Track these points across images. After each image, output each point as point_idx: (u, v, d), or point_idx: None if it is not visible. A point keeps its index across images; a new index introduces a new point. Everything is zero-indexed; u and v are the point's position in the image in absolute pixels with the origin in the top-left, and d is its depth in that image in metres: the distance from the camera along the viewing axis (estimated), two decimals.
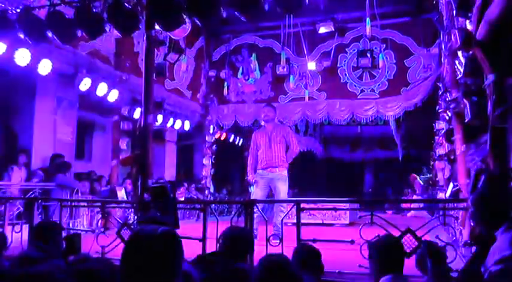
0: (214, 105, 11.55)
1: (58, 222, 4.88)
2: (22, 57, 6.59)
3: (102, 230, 5.31)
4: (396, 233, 3.77)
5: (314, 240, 4.04)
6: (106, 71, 8.46)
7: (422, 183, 13.36)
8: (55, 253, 3.37)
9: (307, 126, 14.59)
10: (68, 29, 5.21)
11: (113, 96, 8.46)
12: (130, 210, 7.59)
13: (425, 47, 9.83)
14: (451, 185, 7.17)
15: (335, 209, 7.47)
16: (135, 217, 5.05)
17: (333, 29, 10.15)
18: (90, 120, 10.85)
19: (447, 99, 7.19)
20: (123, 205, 7.71)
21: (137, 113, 9.18)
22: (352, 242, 4.17)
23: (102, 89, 8.17)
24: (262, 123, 6.70)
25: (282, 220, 4.89)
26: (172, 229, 1.74)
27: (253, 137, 6.57)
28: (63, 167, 7.66)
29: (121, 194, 8.85)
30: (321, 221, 8.49)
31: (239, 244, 2.98)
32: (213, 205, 10.78)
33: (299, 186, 15.27)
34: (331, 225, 8.54)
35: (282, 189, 6.22)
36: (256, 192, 6.25)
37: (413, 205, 10.56)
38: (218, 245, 3.08)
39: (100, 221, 7.24)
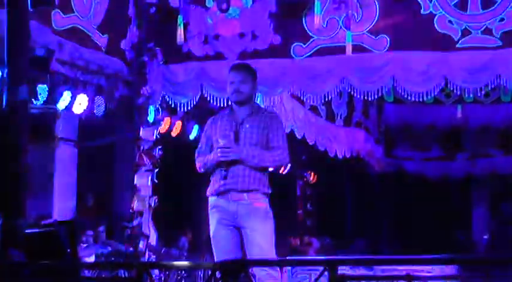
0: (156, 65, 11.57)
1: None
2: None
3: None
4: None
5: None
6: None
7: None
8: None
9: (351, 106, 14.66)
10: None
11: None
12: None
13: None
14: None
15: (410, 278, 7.52)
16: None
17: None
18: None
19: None
20: None
21: None
22: None
23: None
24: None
25: None
26: None
27: (207, 129, 6.70)
28: None
29: None
30: None
31: None
32: (156, 271, 10.75)
33: (332, 230, 15.34)
34: None
35: (260, 235, 6.31)
36: (219, 244, 6.39)
37: None
38: None
39: None
